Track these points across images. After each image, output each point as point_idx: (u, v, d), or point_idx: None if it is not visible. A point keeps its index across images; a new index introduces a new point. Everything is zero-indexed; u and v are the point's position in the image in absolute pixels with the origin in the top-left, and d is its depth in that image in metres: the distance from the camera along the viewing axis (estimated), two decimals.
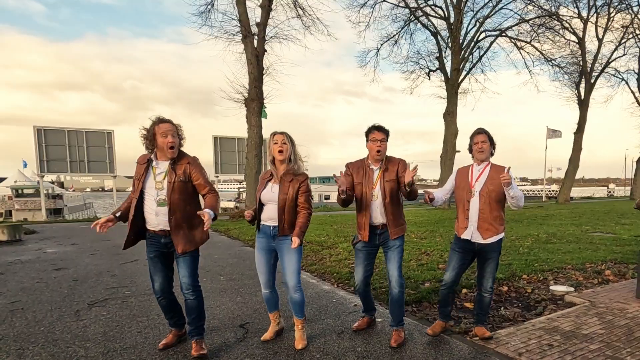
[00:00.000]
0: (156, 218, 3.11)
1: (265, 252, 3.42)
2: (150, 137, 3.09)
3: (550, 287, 5.22)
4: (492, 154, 3.53)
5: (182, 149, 3.23)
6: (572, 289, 5.15)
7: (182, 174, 3.14)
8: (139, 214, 3.14)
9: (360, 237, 3.56)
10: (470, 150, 3.55)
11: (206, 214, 2.93)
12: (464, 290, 5.04)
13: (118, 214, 3.15)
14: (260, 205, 3.38)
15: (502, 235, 3.48)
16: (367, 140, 3.52)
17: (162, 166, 3.16)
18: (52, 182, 44.78)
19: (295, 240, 3.16)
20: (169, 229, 3.11)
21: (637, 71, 28.20)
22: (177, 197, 3.11)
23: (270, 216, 3.34)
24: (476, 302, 3.74)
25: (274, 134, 3.35)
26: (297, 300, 3.39)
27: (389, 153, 3.60)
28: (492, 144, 3.50)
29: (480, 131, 3.49)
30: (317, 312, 4.31)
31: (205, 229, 3.04)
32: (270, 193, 3.33)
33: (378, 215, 3.49)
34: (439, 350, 3.35)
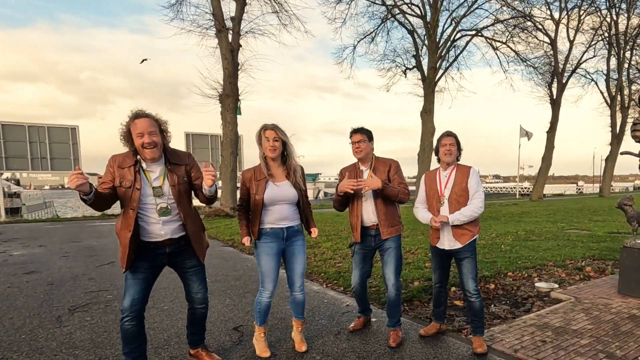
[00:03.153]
0: (162, 227, 2.68)
1: (276, 257, 3.15)
2: (127, 138, 2.61)
3: (536, 284, 5.31)
4: (457, 160, 3.46)
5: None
6: (557, 285, 5.26)
7: (185, 174, 2.79)
8: (136, 228, 2.63)
9: (354, 238, 3.54)
10: (437, 152, 3.46)
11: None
12: (453, 289, 5.07)
13: (94, 191, 2.47)
14: (263, 208, 3.11)
15: (476, 236, 3.39)
16: (350, 143, 3.51)
17: (155, 168, 2.71)
18: (8, 180, 42.54)
19: (315, 231, 3.35)
20: (177, 237, 2.75)
21: (605, 72, 29.32)
22: (185, 201, 2.78)
23: (283, 217, 3.14)
24: (467, 308, 3.57)
25: (265, 128, 3.09)
26: (303, 300, 3.33)
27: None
28: (459, 148, 3.42)
29: (448, 134, 3.42)
30: (310, 313, 4.25)
31: (208, 176, 2.62)
32: (280, 192, 3.12)
33: (370, 215, 3.45)
34: (437, 349, 3.35)
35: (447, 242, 3.37)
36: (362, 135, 3.45)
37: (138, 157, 2.67)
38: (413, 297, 4.77)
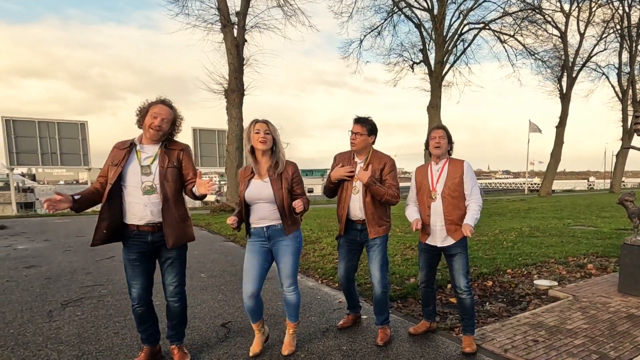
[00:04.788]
0: (144, 209, 2.76)
1: (259, 255, 3.08)
2: (143, 114, 2.82)
3: (534, 282, 5.22)
4: (449, 153, 3.38)
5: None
6: (556, 283, 5.17)
7: (176, 159, 2.88)
8: (115, 203, 2.74)
9: (339, 230, 3.49)
10: (427, 146, 3.39)
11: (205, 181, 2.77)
12: (449, 286, 5.00)
13: (77, 197, 2.70)
14: (247, 207, 3.07)
15: None
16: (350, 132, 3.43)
17: (148, 150, 2.85)
18: (23, 175, 43.21)
19: (298, 204, 2.98)
20: (158, 221, 2.80)
21: (617, 66, 28.73)
22: (170, 184, 2.83)
23: (262, 216, 3.05)
24: (457, 305, 3.48)
25: (255, 122, 3.04)
26: (296, 301, 3.15)
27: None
28: (450, 142, 3.35)
29: (438, 126, 3.38)
30: (301, 310, 4.16)
31: (209, 189, 2.76)
32: (258, 190, 3.02)
33: (357, 209, 3.37)
34: (425, 348, 3.29)
35: (440, 239, 3.30)
36: (362, 128, 3.35)
37: (134, 139, 2.87)
38: (408, 294, 4.71)
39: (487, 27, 22.93)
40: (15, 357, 3.14)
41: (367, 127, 3.37)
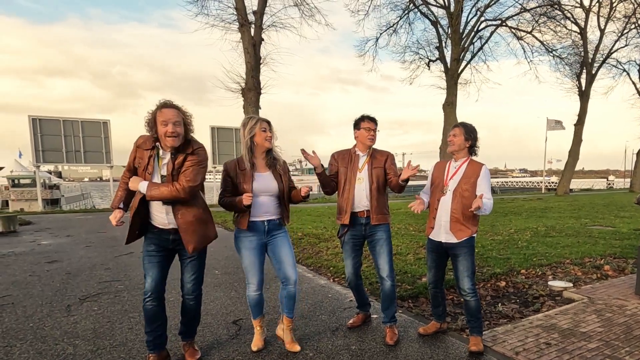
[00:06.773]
0: (165, 217, 2.81)
1: (257, 251, 3.14)
2: (152, 124, 2.75)
3: (549, 283, 5.15)
4: (475, 153, 3.34)
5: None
6: (571, 284, 5.09)
7: (181, 163, 2.81)
8: (143, 207, 2.81)
9: (341, 221, 3.49)
10: None
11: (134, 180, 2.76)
12: None
13: (121, 206, 2.86)
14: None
15: (474, 235, 3.28)
16: (359, 129, 3.48)
17: (166, 156, 2.83)
18: (50, 172, 44.50)
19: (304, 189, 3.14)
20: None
21: (638, 62, 28.01)
22: None
23: (266, 211, 3.13)
24: (463, 307, 3.45)
25: (260, 120, 3.08)
26: (294, 295, 3.22)
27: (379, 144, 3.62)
28: (472, 140, 3.28)
29: (456, 124, 3.37)
30: (311, 308, 4.24)
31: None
32: (265, 184, 3.10)
33: (363, 199, 3.42)
34: (434, 349, 3.28)
35: (444, 235, 3.29)
36: (376, 125, 3.49)
37: (157, 143, 2.81)
38: (419, 293, 4.70)
39: (504, 23, 22.58)
40: (32, 350, 3.24)
41: (377, 123, 3.51)
